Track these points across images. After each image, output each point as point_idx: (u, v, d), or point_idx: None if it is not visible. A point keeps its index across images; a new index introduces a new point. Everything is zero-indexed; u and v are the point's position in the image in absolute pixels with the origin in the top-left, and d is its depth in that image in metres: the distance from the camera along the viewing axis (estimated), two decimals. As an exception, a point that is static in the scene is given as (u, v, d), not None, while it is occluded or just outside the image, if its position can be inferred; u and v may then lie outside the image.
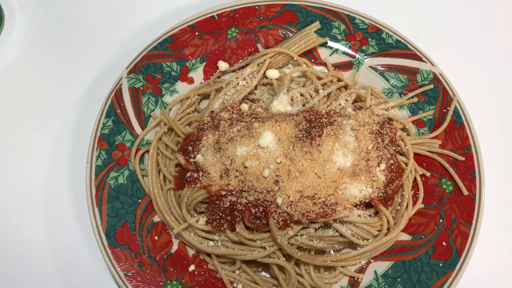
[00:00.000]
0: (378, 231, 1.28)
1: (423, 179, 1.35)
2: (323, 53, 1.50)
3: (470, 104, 1.39)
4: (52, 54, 1.57)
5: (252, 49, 1.50)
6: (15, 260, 1.33)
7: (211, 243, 1.27)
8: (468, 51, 1.59)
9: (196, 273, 1.26)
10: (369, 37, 1.48)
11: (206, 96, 1.48)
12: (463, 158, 1.33)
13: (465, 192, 1.29)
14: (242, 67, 1.47)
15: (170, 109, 1.42)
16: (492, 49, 1.60)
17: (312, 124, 1.28)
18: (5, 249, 1.34)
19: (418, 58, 1.45)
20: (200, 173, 1.26)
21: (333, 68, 1.49)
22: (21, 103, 1.51)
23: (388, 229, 1.28)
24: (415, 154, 1.35)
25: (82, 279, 1.31)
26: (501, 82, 1.55)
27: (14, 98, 1.51)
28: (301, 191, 1.21)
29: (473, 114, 1.37)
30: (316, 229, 1.25)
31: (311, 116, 1.33)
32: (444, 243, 1.25)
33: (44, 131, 1.47)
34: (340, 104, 1.38)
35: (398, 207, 1.31)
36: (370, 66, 1.47)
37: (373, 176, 1.27)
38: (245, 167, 1.23)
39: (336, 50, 1.50)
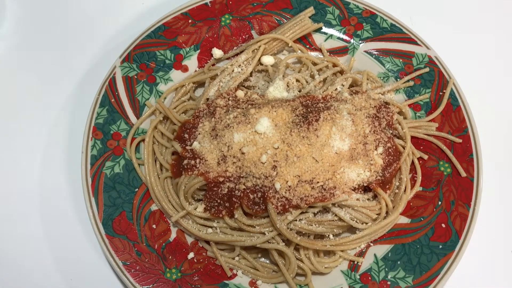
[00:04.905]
0: (377, 214, 1.27)
1: (420, 162, 1.34)
2: (318, 38, 1.50)
3: (466, 86, 1.39)
4: (44, 45, 1.56)
5: (247, 36, 1.49)
6: (11, 252, 1.31)
7: (209, 230, 1.26)
8: (463, 35, 1.60)
9: (195, 260, 1.25)
10: (364, 21, 1.48)
11: (201, 84, 1.47)
12: (460, 140, 1.33)
13: (463, 174, 1.29)
14: (237, 54, 1.46)
15: (165, 98, 1.41)
16: (487, 32, 1.60)
17: (308, 109, 1.27)
18: (0, 241, 1.32)
19: (413, 42, 1.44)
20: (197, 160, 1.25)
21: (328, 53, 1.49)
22: (14, 94, 1.49)
23: (387, 212, 1.28)
24: (412, 137, 1.35)
25: (79, 270, 1.29)
26: (497, 64, 1.55)
27: (6, 90, 1.50)
28: (299, 176, 1.21)
29: (469, 96, 1.37)
30: (315, 214, 1.24)
31: (308, 101, 1.32)
32: (443, 225, 1.25)
33: (38, 122, 1.45)
34: (336, 89, 1.38)
35: (397, 191, 1.31)
36: (365, 51, 1.47)
37: (371, 160, 1.26)
38: (243, 153, 1.22)
39: (331, 35, 1.49)
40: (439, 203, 1.28)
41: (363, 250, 1.27)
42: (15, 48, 1.55)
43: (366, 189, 1.27)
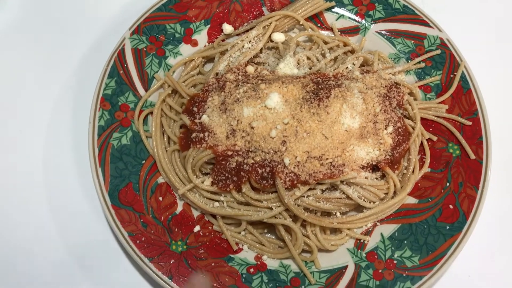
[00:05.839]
0: (384, 194, 1.27)
1: (429, 143, 1.34)
2: (329, 17, 1.49)
3: (477, 69, 1.38)
4: (53, 16, 1.54)
5: (258, 12, 1.47)
6: (16, 224, 1.30)
7: (216, 204, 1.25)
8: (474, 18, 1.59)
9: (201, 233, 1.24)
10: (376, 2, 1.47)
11: (210, 59, 1.45)
12: (470, 123, 1.32)
13: (472, 156, 1.28)
14: (247, 31, 1.45)
15: (174, 71, 1.40)
16: (499, 15, 1.59)
17: (319, 86, 1.27)
18: (6, 213, 1.31)
19: (425, 24, 1.43)
20: (206, 134, 1.24)
21: (339, 33, 1.48)
22: (22, 63, 1.48)
23: (394, 192, 1.27)
24: (422, 119, 1.34)
25: (85, 241, 1.28)
26: (510, 47, 1.54)
27: (14, 60, 1.49)
28: (308, 152, 1.20)
29: (480, 79, 1.36)
30: (323, 191, 1.23)
31: (318, 78, 1.31)
32: (451, 206, 1.24)
33: (46, 92, 1.44)
34: (347, 67, 1.37)
35: (405, 171, 1.30)
36: (376, 31, 1.46)
37: (381, 139, 1.25)
38: (252, 127, 1.21)
39: (343, 15, 1.48)
40: (447, 184, 1.27)
41: (370, 229, 1.27)
42: (23, 20, 1.54)
43: (374, 168, 1.27)
